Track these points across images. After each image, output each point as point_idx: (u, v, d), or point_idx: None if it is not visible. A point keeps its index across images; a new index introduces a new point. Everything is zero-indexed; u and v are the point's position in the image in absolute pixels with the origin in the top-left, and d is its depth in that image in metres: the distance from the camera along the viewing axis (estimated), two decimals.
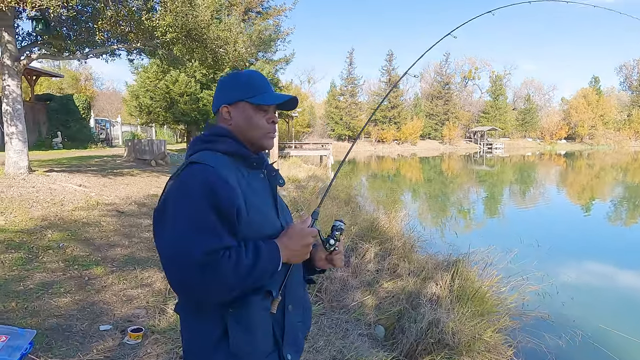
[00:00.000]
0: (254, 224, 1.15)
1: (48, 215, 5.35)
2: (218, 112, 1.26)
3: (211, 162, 1.12)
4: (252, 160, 1.22)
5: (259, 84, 1.26)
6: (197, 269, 1.03)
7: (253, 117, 1.23)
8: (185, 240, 1.05)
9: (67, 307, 3.41)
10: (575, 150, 54.78)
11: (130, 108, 19.39)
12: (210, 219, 1.06)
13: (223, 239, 1.07)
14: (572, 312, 4.50)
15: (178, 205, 1.08)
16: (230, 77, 1.29)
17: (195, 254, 1.03)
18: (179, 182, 1.11)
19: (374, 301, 4.53)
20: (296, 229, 1.19)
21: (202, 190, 1.07)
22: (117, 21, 6.40)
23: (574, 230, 9.68)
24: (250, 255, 1.09)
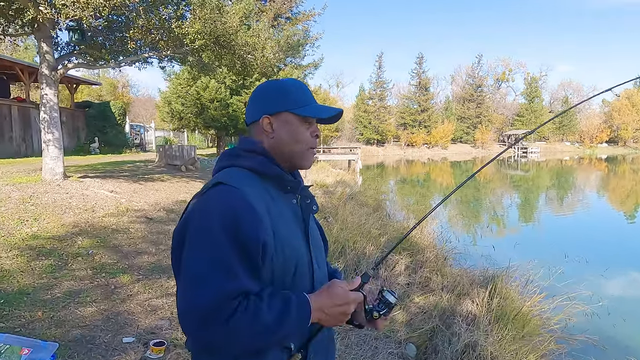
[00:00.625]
0: (281, 262, 0.98)
1: (79, 222, 5.43)
2: (256, 123, 1.10)
3: (238, 182, 0.98)
4: (287, 182, 1.07)
5: (304, 94, 1.12)
6: (202, 319, 0.88)
7: (298, 130, 1.09)
8: (194, 285, 0.90)
9: (92, 317, 3.39)
10: (617, 155, 51.98)
11: (162, 114, 19.91)
12: (227, 256, 0.91)
13: (240, 281, 0.91)
14: (624, 336, 4.10)
15: (195, 238, 0.94)
16: (272, 84, 1.14)
17: (202, 301, 0.88)
18: (200, 206, 0.97)
19: (405, 317, 4.30)
20: (338, 292, 1.00)
21: (223, 221, 0.92)
22: (148, 30, 6.49)
23: (624, 244, 9.00)
24: (274, 310, 0.92)
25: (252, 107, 1.12)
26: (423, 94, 57.42)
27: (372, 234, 6.13)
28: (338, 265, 5.08)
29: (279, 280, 0.99)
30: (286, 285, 1.00)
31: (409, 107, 58.24)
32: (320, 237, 1.31)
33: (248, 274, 0.92)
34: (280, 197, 1.06)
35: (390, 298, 1.11)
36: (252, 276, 0.93)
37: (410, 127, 56.71)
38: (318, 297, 0.98)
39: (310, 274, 1.06)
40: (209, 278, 0.90)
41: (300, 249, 1.04)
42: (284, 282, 1.00)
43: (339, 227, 6.21)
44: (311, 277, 1.06)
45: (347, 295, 0.99)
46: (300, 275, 1.03)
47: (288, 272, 1.00)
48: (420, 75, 57.79)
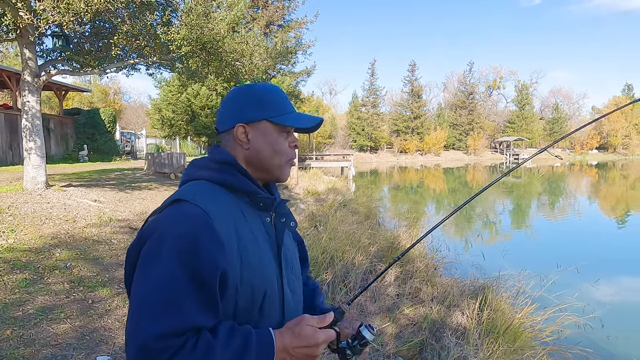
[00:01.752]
0: (248, 292, 0.88)
1: (59, 233, 5.26)
2: (229, 131, 1.00)
3: (204, 201, 0.87)
4: (261, 199, 0.97)
5: (282, 101, 1.02)
6: (141, 354, 0.77)
7: (277, 140, 1.00)
8: (136, 316, 0.79)
9: (65, 335, 3.23)
10: (607, 161, 52.56)
11: (153, 121, 19.74)
12: (178, 287, 0.80)
13: (189, 316, 0.80)
14: (618, 348, 4.01)
15: (145, 262, 0.83)
16: (248, 89, 1.03)
17: (141, 337, 0.77)
18: (156, 225, 0.85)
19: (394, 329, 4.18)
20: (306, 332, 0.89)
21: (177, 246, 0.81)
22: (133, 36, 6.38)
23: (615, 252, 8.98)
24: (230, 350, 0.81)
25: (225, 114, 1.01)
26: (416, 101, 57.76)
27: (362, 243, 6.01)
28: (326, 277, 4.95)
29: (244, 311, 0.88)
30: (252, 316, 0.89)
31: (401, 114, 58.55)
32: (300, 253, 1.21)
33: (201, 307, 0.81)
34: (253, 215, 0.96)
35: (367, 335, 1.00)
36: (206, 309, 0.81)
37: (403, 134, 56.95)
38: (283, 335, 0.88)
39: (280, 302, 0.96)
40: (153, 310, 0.78)
41: (270, 275, 0.94)
42: (250, 314, 0.89)
43: (327, 236, 6.09)
44: (281, 306, 0.96)
45: (315, 337, 0.89)
46: (269, 305, 0.93)
47: (255, 302, 0.90)
48: (412, 83, 58.17)
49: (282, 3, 23.37)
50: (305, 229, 8.09)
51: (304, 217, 9.60)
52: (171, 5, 6.75)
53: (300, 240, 1.26)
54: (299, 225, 8.44)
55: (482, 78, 68.57)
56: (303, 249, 1.26)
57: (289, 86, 18.60)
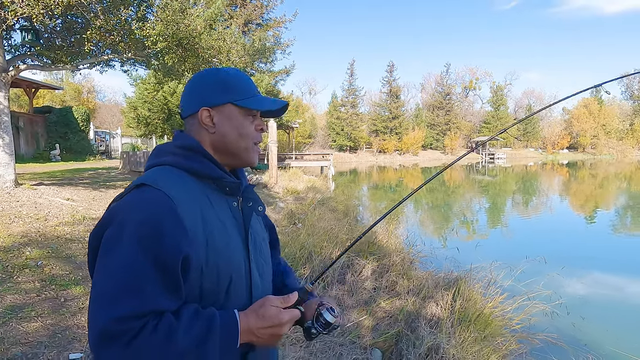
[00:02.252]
0: (214, 275, 0.89)
1: (29, 231, 5.11)
2: (193, 116, 0.99)
3: (168, 186, 0.87)
4: (227, 184, 0.97)
5: (247, 84, 1.02)
6: (101, 341, 0.77)
7: (242, 124, 1.00)
8: (97, 302, 0.80)
9: (36, 333, 3.16)
10: (577, 160, 54.49)
11: (128, 120, 19.32)
12: (138, 271, 0.80)
13: (150, 299, 0.80)
14: (583, 333, 4.20)
15: (107, 248, 0.83)
16: (212, 73, 1.02)
17: (100, 320, 0.78)
18: (117, 210, 0.85)
19: (371, 322, 4.25)
20: (270, 313, 0.90)
21: (138, 230, 0.81)
22: (107, 31, 6.25)
23: (582, 244, 9.37)
24: (193, 332, 0.81)
25: (189, 98, 1.01)
26: (394, 102, 58.46)
27: (340, 239, 6.08)
28: (304, 272, 4.99)
29: (211, 294, 0.89)
30: (219, 299, 0.90)
31: (380, 114, 59.14)
32: (270, 237, 1.23)
33: (163, 291, 0.82)
34: (220, 201, 0.96)
35: (328, 317, 0.99)
36: (168, 293, 0.82)
37: (382, 134, 57.53)
38: (247, 317, 0.89)
39: (247, 286, 0.96)
40: (113, 294, 0.79)
41: (237, 258, 0.94)
42: (217, 297, 0.90)
43: (306, 232, 6.13)
44: (249, 289, 0.96)
45: (278, 317, 0.90)
46: (236, 288, 0.93)
47: (221, 285, 0.90)
48: (391, 83, 58.83)
49: (261, 2, 23.26)
50: (284, 226, 8.11)
51: (283, 215, 9.61)
52: (146, 1, 6.65)
53: (271, 225, 1.27)
54: (278, 223, 8.47)
55: (459, 79, 70.03)
56: (274, 234, 1.28)
57: (267, 85, 18.52)
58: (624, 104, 72.79)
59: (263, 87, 17.87)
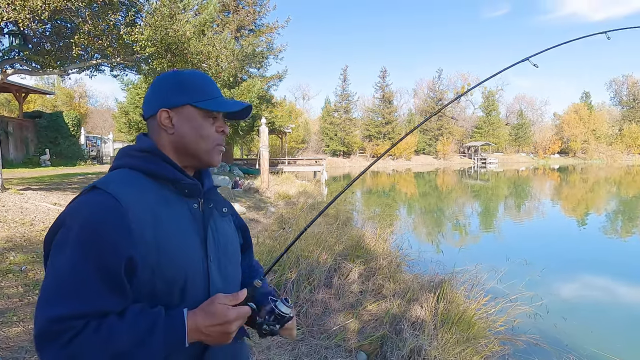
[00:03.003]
0: (167, 275, 0.89)
1: (14, 236, 5.08)
2: (153, 117, 1.00)
3: (118, 189, 0.88)
4: (185, 185, 0.97)
5: (208, 86, 1.03)
6: (40, 341, 0.79)
7: (202, 125, 1.00)
8: (39, 304, 0.82)
9: (17, 338, 3.14)
10: (568, 165, 55.09)
11: (120, 125, 19.24)
12: (79, 273, 0.81)
13: (90, 300, 0.81)
14: (564, 334, 4.25)
15: (54, 250, 0.85)
16: (172, 75, 1.03)
17: (39, 321, 0.79)
18: (67, 213, 0.87)
19: (357, 325, 4.27)
20: (216, 310, 0.90)
21: (80, 233, 0.82)
22: (95, 35, 6.26)
23: (565, 246, 9.48)
24: (136, 331, 0.82)
25: (150, 99, 1.02)
26: (387, 107, 58.81)
27: (328, 243, 6.10)
28: (291, 276, 4.99)
29: (164, 295, 0.90)
30: (173, 300, 0.91)
31: (373, 119, 59.45)
32: (243, 239, 1.24)
33: (105, 292, 0.82)
34: (178, 202, 0.96)
35: (282, 308, 0.99)
36: (111, 294, 0.83)
37: (375, 139, 57.79)
38: (195, 315, 0.89)
39: (205, 287, 0.96)
40: (54, 296, 0.81)
41: (193, 259, 0.95)
42: (171, 297, 0.91)
43: (294, 237, 6.14)
44: (206, 290, 0.96)
45: (225, 314, 0.90)
46: (191, 289, 0.93)
47: (175, 286, 0.91)
48: (383, 89, 59.22)
49: (253, 8, 23.37)
50: (274, 230, 8.12)
51: (273, 219, 9.61)
52: (135, 6, 6.67)
53: (244, 227, 1.27)
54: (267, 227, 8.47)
55: (451, 85, 70.63)
56: (247, 235, 1.28)
57: (259, 90, 18.57)
58: (613, 110, 73.91)
59: (255, 92, 17.91)
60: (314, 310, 4.53)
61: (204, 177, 1.07)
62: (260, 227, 8.53)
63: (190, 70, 1.08)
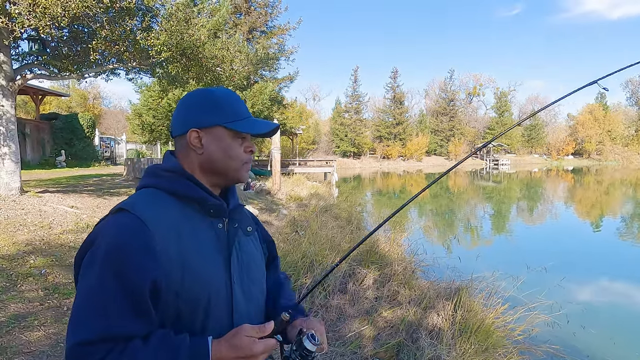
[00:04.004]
0: (190, 298, 0.89)
1: (33, 240, 5.16)
2: (182, 136, 1.00)
3: (144, 210, 0.89)
4: (210, 206, 0.97)
5: (238, 106, 1.02)
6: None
7: (231, 145, 1.00)
8: (69, 325, 0.83)
9: (38, 342, 3.18)
10: (582, 166, 54.17)
11: (133, 126, 19.46)
12: (105, 295, 0.82)
13: (116, 324, 0.82)
14: (584, 344, 4.17)
15: (83, 271, 0.87)
16: (203, 94, 1.02)
17: (68, 343, 0.81)
18: (95, 234, 0.88)
19: (372, 332, 4.24)
20: (242, 343, 0.87)
21: (106, 255, 0.84)
22: (112, 41, 6.34)
23: (584, 252, 9.30)
24: (160, 358, 0.82)
25: (179, 118, 1.01)
26: (398, 108, 58.52)
27: (342, 248, 6.08)
28: (305, 281, 4.98)
29: (188, 316, 0.90)
30: (197, 321, 0.91)
31: (384, 120, 59.21)
32: (269, 252, 1.23)
33: (131, 316, 0.83)
34: (203, 222, 0.96)
35: (308, 345, 0.96)
36: (136, 318, 0.84)
37: (385, 140, 57.56)
38: (220, 346, 0.87)
39: (228, 308, 0.96)
40: (81, 318, 0.82)
41: (216, 280, 0.94)
42: (194, 318, 0.91)
43: (308, 241, 6.14)
44: (229, 311, 0.96)
45: (251, 348, 0.87)
46: (215, 310, 0.93)
47: (199, 307, 0.90)
48: (394, 90, 58.94)
49: (265, 10, 23.45)
50: (287, 234, 8.12)
51: (286, 222, 9.62)
52: (151, 11, 6.74)
53: (270, 240, 1.27)
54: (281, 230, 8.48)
55: (463, 85, 70.05)
56: (272, 248, 1.27)
57: (271, 92, 18.63)
58: (629, 110, 72.43)
59: (267, 94, 17.97)
60: (328, 316, 4.51)
61: (229, 196, 1.07)
62: (273, 229, 8.54)
63: (221, 89, 1.07)
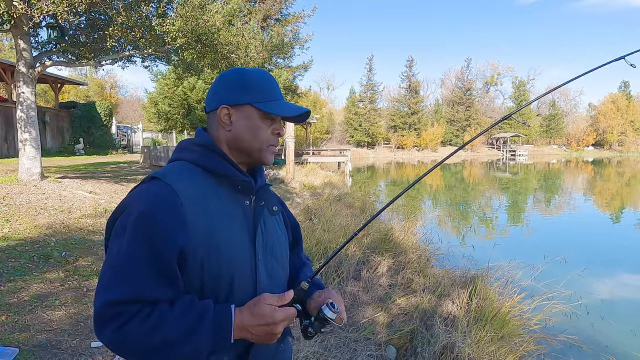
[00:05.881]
0: (215, 270, 0.90)
1: (54, 223, 5.28)
2: (214, 112, 1.01)
3: (176, 180, 0.90)
4: (238, 182, 0.98)
5: (271, 88, 1.03)
6: (97, 323, 0.83)
7: (259, 126, 1.00)
8: (98, 286, 0.85)
9: (59, 322, 3.27)
10: (603, 158, 52.80)
11: (149, 115, 19.67)
12: (135, 259, 0.84)
13: (143, 287, 0.83)
14: (603, 335, 4.09)
15: (114, 235, 0.89)
16: (237, 73, 1.03)
17: (96, 303, 0.83)
18: (128, 201, 0.90)
19: (386, 319, 4.24)
20: (263, 311, 0.90)
21: (138, 221, 0.85)
22: (128, 27, 6.37)
23: (604, 244, 9.10)
24: (184, 323, 0.84)
25: (213, 94, 1.03)
26: (413, 97, 57.77)
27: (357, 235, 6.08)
28: None
29: (212, 289, 0.91)
30: (221, 294, 0.92)
31: (399, 109, 58.55)
32: (293, 235, 1.24)
33: (158, 280, 0.84)
34: (230, 198, 0.97)
35: (328, 313, 0.98)
36: (163, 283, 0.85)
37: (400, 130, 56.98)
38: (242, 313, 0.90)
39: (252, 285, 0.97)
40: (110, 280, 0.84)
41: (241, 257, 0.95)
42: (219, 293, 0.92)
43: (322, 228, 6.15)
44: (253, 289, 0.97)
45: (273, 315, 0.90)
46: (239, 286, 0.94)
47: (223, 282, 0.92)
48: (410, 79, 58.13)
49: None
50: (301, 222, 8.16)
51: (300, 210, 9.66)
52: None
53: (295, 223, 1.27)
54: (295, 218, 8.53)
55: (480, 74, 68.69)
56: (297, 231, 1.28)
57: (285, 80, 18.57)
58: None
59: (281, 83, 17.92)
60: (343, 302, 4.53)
61: (257, 175, 1.07)
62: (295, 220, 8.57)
63: (257, 70, 1.07)
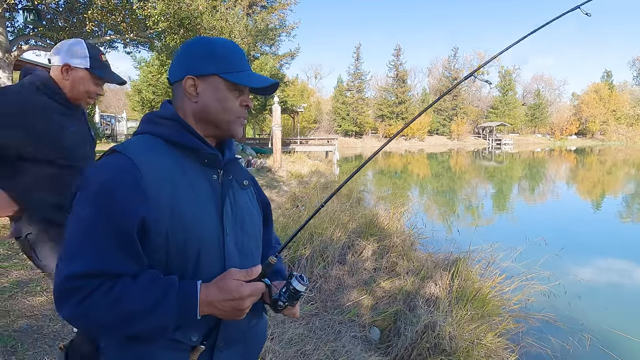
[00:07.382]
0: (180, 244, 0.88)
1: None
2: (178, 83, 0.97)
3: (137, 153, 0.87)
4: (205, 155, 0.95)
5: (238, 58, 0.99)
6: (57, 298, 0.82)
7: (227, 97, 0.97)
8: (61, 256, 0.83)
9: (41, 307, 3.24)
10: (586, 146, 53.84)
11: (133, 103, 19.36)
12: (95, 232, 0.82)
13: (104, 260, 0.82)
14: (579, 313, 4.23)
15: (74, 209, 0.86)
16: (202, 42, 0.99)
17: (57, 278, 0.82)
18: (88, 174, 0.88)
19: (371, 301, 4.31)
20: (230, 286, 0.88)
21: (97, 193, 0.83)
22: (108, 10, 6.22)
23: (583, 228, 9.37)
24: (148, 297, 0.82)
25: (177, 64, 0.98)
26: (400, 86, 57.87)
27: (341, 221, 6.11)
28: (305, 252, 5.03)
29: (178, 263, 0.89)
30: (187, 269, 0.90)
31: (386, 99, 58.62)
32: (263, 213, 1.21)
33: (119, 253, 0.83)
34: (196, 171, 0.94)
35: (297, 286, 0.97)
36: (125, 256, 0.83)
37: (387, 119, 57.14)
38: (208, 289, 0.88)
39: (220, 260, 0.94)
40: (70, 253, 0.83)
41: (207, 230, 0.92)
42: (185, 266, 0.90)
43: (308, 214, 6.17)
44: (222, 261, 0.95)
45: (239, 290, 0.88)
46: (205, 260, 0.92)
47: (189, 256, 0.90)
48: (397, 68, 58.15)
49: None
50: (287, 208, 8.16)
51: (287, 198, 9.66)
52: None
53: (265, 201, 1.25)
54: (281, 205, 8.52)
55: (467, 64, 68.94)
56: (267, 210, 1.26)
57: (272, 68, 18.40)
58: (635, 90, 71.45)
59: (267, 71, 17.75)
60: (327, 286, 4.57)
61: (225, 148, 1.04)
62: (274, 205, 8.58)
63: (222, 39, 1.03)
